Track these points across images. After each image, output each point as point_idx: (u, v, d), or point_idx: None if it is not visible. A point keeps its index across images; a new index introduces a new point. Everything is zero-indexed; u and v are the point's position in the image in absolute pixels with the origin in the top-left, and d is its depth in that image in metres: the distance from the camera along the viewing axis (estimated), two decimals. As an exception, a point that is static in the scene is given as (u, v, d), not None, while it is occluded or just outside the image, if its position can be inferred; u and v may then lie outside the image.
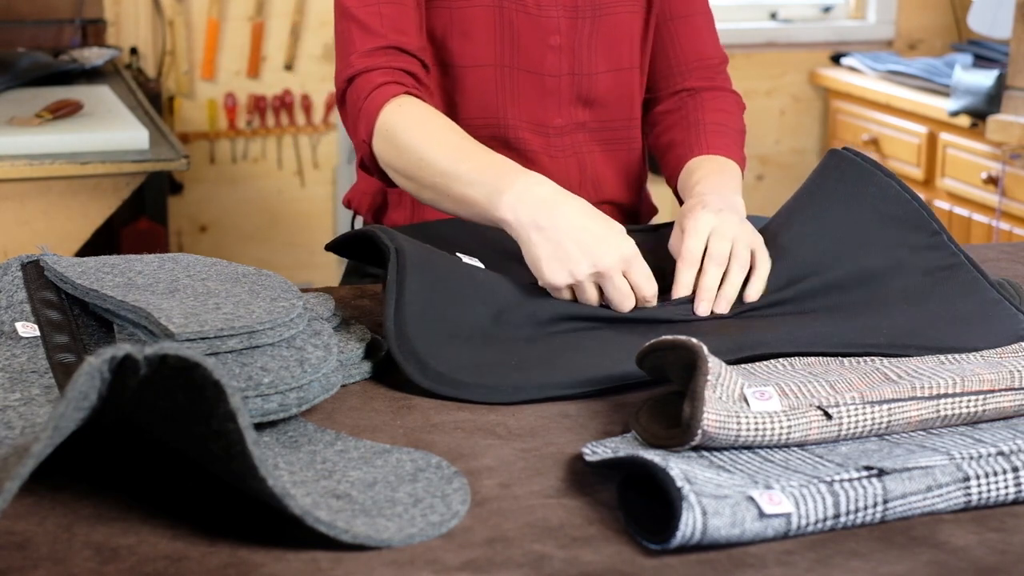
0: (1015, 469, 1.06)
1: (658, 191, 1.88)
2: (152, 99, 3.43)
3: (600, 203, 1.71)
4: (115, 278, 1.28)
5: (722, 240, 1.44)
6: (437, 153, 1.50)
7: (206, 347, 1.14)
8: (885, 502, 1.01)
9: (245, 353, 1.16)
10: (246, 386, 1.12)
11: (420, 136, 1.52)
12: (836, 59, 4.20)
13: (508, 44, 1.67)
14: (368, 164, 1.61)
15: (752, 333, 1.34)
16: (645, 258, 1.41)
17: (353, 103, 1.60)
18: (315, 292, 1.40)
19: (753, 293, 1.43)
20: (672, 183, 1.72)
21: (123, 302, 1.22)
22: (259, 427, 1.13)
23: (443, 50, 1.67)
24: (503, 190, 1.42)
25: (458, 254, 1.44)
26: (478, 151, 1.50)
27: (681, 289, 1.42)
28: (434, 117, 1.55)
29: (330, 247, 1.45)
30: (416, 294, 1.30)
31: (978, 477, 1.05)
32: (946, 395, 1.13)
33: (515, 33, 1.67)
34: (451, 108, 1.69)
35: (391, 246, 1.33)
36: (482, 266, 1.42)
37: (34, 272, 1.32)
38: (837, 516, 1.00)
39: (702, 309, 1.41)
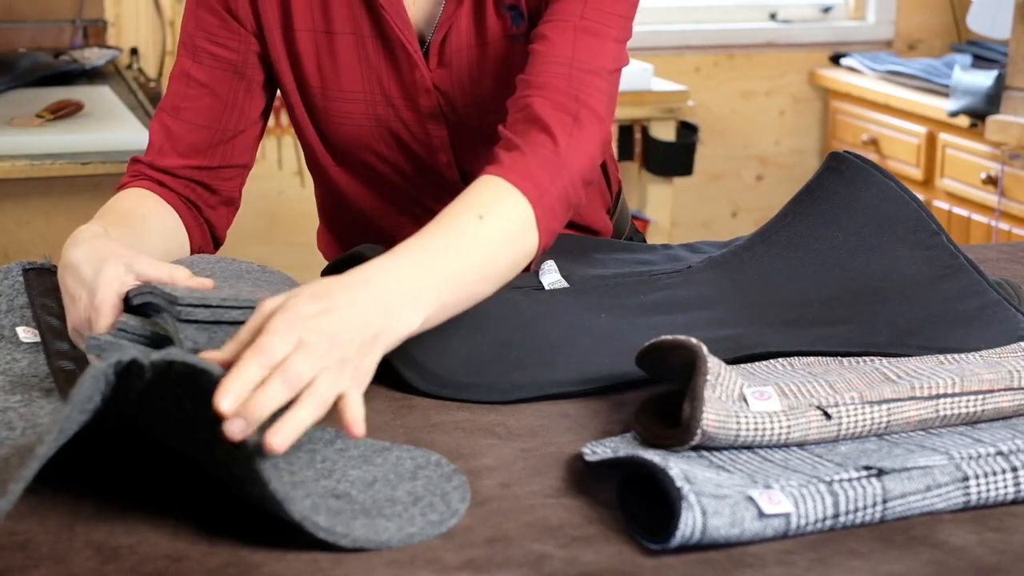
0: (1014, 469, 1.06)
1: (656, 189, 1.87)
2: (153, 99, 3.41)
3: (580, 229, 1.67)
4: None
5: (276, 334, 1.03)
6: None
7: (209, 314, 1.14)
8: (884, 502, 1.01)
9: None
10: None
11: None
12: (836, 59, 4.20)
13: (401, 161, 1.59)
14: None
15: (752, 333, 1.34)
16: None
17: None
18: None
19: (278, 442, 0.97)
20: None
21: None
22: (259, 427, 1.13)
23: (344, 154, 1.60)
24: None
25: None
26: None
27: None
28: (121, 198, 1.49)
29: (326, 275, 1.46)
30: None
31: (977, 477, 1.05)
32: (945, 395, 1.13)
33: (404, 150, 1.58)
34: (370, 205, 1.63)
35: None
36: None
37: (35, 278, 1.33)
38: (836, 516, 1.00)
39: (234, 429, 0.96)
